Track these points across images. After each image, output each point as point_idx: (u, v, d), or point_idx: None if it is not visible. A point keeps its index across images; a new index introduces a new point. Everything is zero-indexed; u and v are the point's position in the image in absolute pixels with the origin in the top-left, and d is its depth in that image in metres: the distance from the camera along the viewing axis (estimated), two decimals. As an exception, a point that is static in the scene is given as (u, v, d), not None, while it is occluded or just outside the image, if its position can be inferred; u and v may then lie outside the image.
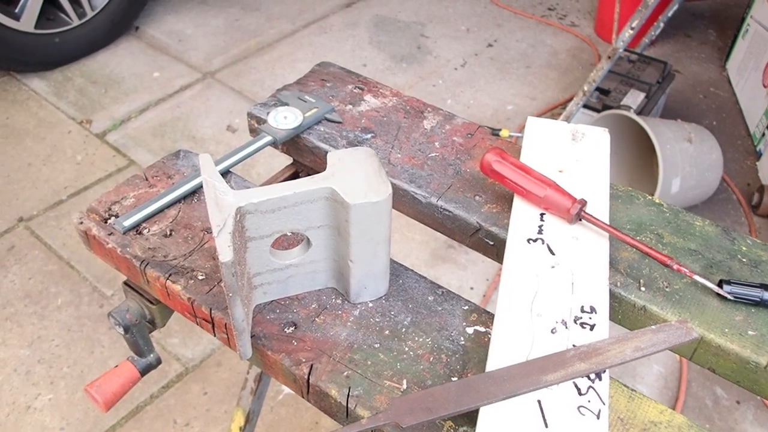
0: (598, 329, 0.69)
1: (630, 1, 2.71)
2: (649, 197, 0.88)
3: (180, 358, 1.86)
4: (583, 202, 0.78)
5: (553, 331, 0.69)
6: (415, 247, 2.16)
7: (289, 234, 0.82)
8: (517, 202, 0.83)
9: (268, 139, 0.93)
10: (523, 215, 0.81)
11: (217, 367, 1.85)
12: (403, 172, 0.91)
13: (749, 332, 0.72)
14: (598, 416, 0.62)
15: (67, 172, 2.41)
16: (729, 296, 0.74)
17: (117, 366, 0.90)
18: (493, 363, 0.67)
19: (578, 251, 0.77)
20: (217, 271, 0.79)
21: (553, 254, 0.77)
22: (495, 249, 0.85)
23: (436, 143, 0.96)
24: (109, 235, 0.83)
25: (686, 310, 0.74)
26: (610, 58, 2.26)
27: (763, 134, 2.51)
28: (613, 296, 0.76)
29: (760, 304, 0.73)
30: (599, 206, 0.83)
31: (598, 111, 2.36)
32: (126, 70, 2.88)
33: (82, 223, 0.85)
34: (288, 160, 1.04)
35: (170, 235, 0.83)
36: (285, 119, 0.95)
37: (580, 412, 0.62)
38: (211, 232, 0.77)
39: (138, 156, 2.48)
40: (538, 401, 0.63)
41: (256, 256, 0.72)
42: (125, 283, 0.89)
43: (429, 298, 0.77)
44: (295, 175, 1.03)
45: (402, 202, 0.90)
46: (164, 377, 1.82)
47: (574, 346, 0.67)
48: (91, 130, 2.59)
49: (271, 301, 0.77)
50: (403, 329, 0.74)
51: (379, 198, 0.68)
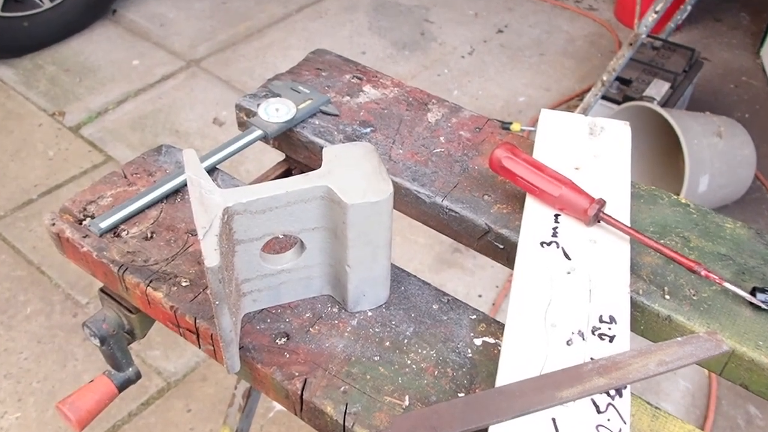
0: (619, 341, 0.69)
1: (654, -17, 2.71)
2: (675, 197, 0.88)
3: (161, 372, 1.86)
4: (602, 202, 0.79)
5: (568, 343, 0.69)
6: (419, 251, 2.16)
7: (281, 237, 0.83)
8: (530, 202, 0.83)
9: (259, 133, 0.93)
10: (536, 216, 0.81)
11: (202, 382, 1.85)
12: (406, 169, 0.91)
13: (783, 344, 0.72)
14: (618, 436, 0.62)
15: (37, 169, 2.41)
16: (763, 305, 0.74)
17: (92, 381, 0.90)
18: (504, 377, 0.67)
19: (596, 256, 0.77)
20: (202, 277, 0.79)
21: (569, 259, 0.77)
22: (505, 253, 0.85)
23: (441, 138, 0.96)
24: (84, 237, 0.83)
25: (716, 321, 0.74)
26: (631, 44, 2.26)
27: (800, 128, 2.51)
28: (634, 305, 0.76)
29: (796, 313, 0.74)
30: (619, 207, 0.83)
31: (619, 103, 2.36)
32: (102, 58, 2.89)
33: (54, 225, 0.85)
34: (280, 156, 1.04)
35: (151, 237, 0.84)
36: (277, 111, 0.95)
37: (598, 431, 0.62)
38: (196, 235, 0.77)
39: (116, 151, 2.48)
40: (553, 419, 0.63)
41: (245, 261, 0.72)
42: (101, 290, 0.89)
43: (433, 307, 0.78)
44: (287, 173, 1.03)
45: (404, 201, 0.90)
46: (144, 393, 1.82)
47: (592, 359, 0.67)
48: (64, 122, 2.59)
49: (262, 310, 0.77)
50: (405, 340, 0.74)
51: (379, 197, 0.68)
